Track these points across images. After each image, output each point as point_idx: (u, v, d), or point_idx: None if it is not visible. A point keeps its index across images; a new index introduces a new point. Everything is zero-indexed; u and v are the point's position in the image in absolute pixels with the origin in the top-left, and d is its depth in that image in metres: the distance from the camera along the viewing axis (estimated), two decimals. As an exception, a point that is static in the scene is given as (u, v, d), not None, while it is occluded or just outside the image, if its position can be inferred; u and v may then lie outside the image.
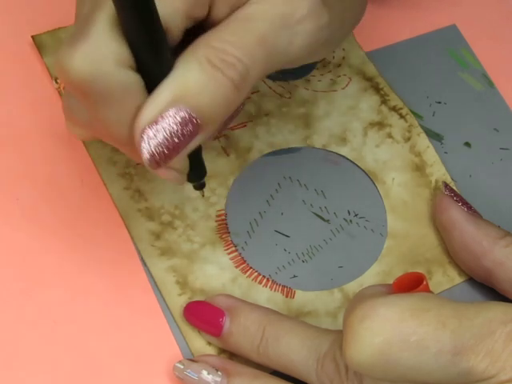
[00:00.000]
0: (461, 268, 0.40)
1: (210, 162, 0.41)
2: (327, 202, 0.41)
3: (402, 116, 0.44)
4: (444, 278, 0.40)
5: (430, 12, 0.48)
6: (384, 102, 0.44)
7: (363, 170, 0.43)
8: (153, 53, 0.29)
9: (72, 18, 0.43)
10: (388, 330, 0.29)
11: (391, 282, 0.32)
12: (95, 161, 0.40)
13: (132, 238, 0.39)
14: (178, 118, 0.29)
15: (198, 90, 0.29)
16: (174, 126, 0.29)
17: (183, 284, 0.38)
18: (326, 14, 0.33)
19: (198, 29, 0.31)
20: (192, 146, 0.31)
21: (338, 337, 0.33)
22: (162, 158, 0.30)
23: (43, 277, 0.37)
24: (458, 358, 0.29)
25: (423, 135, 0.44)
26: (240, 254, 0.39)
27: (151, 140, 0.30)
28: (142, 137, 0.29)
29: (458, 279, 0.40)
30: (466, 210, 0.39)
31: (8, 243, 0.38)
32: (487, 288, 0.39)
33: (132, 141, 0.30)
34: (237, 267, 0.39)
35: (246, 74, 0.30)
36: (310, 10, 0.32)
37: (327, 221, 0.41)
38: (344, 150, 0.43)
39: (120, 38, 0.29)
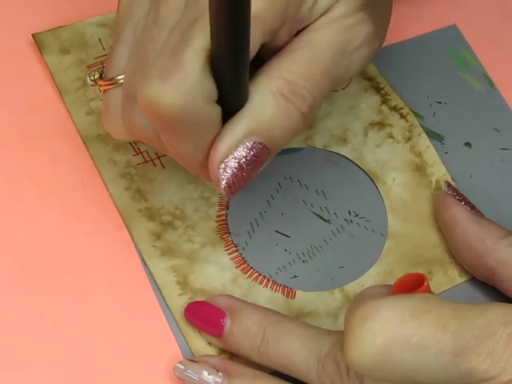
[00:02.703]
0: (463, 267, 0.40)
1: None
2: (327, 202, 0.41)
3: (402, 116, 0.44)
4: (444, 278, 0.40)
5: (430, 12, 0.48)
6: (384, 101, 0.44)
7: (364, 170, 0.43)
8: (237, 87, 0.30)
9: (72, 17, 0.44)
10: (389, 331, 0.29)
11: (392, 282, 0.32)
12: (96, 161, 0.40)
13: (132, 238, 0.39)
14: (254, 150, 0.31)
15: (273, 124, 0.31)
16: (249, 158, 0.31)
17: (184, 284, 0.38)
18: (377, 40, 0.35)
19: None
20: (260, 171, 0.32)
21: (339, 337, 0.33)
22: (237, 185, 0.32)
23: (43, 277, 0.37)
24: (459, 358, 0.29)
25: (424, 135, 0.44)
26: (240, 254, 0.39)
27: (229, 171, 0.31)
28: (219, 168, 0.31)
29: (458, 279, 0.40)
30: (469, 209, 0.39)
31: (8, 243, 0.38)
32: (488, 288, 0.39)
33: (203, 165, 0.32)
34: (237, 267, 0.39)
35: (313, 104, 0.32)
36: (365, 38, 0.34)
37: (328, 221, 0.41)
38: (344, 150, 0.43)
39: (209, 74, 0.30)
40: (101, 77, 0.35)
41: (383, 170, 0.43)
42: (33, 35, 0.43)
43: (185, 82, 0.29)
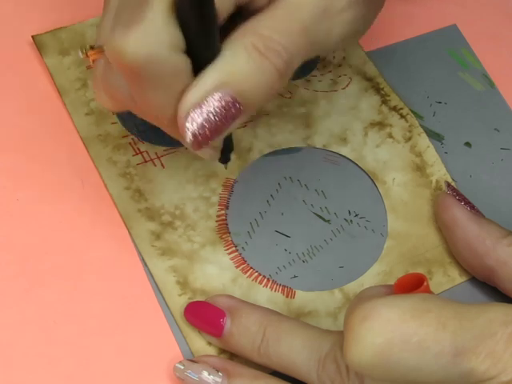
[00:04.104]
0: (463, 267, 0.40)
1: (211, 162, 0.41)
2: (328, 202, 0.41)
3: (402, 116, 0.44)
4: (444, 278, 0.40)
5: (430, 12, 0.48)
6: (384, 101, 0.44)
7: (364, 170, 0.43)
8: (204, 36, 0.30)
9: (72, 18, 0.44)
10: (389, 331, 0.29)
11: (392, 282, 0.32)
12: (95, 161, 0.40)
13: (132, 238, 0.39)
14: (223, 103, 0.30)
15: (244, 76, 0.30)
16: (218, 110, 0.30)
17: (183, 284, 0.38)
18: (361, 6, 0.34)
19: (236, 14, 0.32)
20: (232, 128, 0.31)
21: (339, 337, 0.33)
22: (204, 139, 0.31)
23: (43, 277, 0.37)
24: (459, 359, 0.29)
25: (424, 135, 0.44)
26: (240, 254, 0.39)
27: (195, 122, 0.30)
28: (186, 118, 0.30)
29: (458, 279, 0.40)
30: (468, 209, 0.39)
31: (8, 243, 0.38)
32: (488, 288, 0.39)
33: (175, 120, 0.31)
34: (237, 267, 0.39)
35: (290, 61, 0.31)
36: (349, 2, 0.33)
37: (328, 221, 0.41)
38: (344, 150, 0.43)
39: (174, 21, 0.29)
40: (92, 48, 0.35)
41: (383, 170, 0.43)
42: (33, 37, 0.43)
43: (147, 29, 0.29)
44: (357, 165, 0.43)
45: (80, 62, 0.43)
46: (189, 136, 0.31)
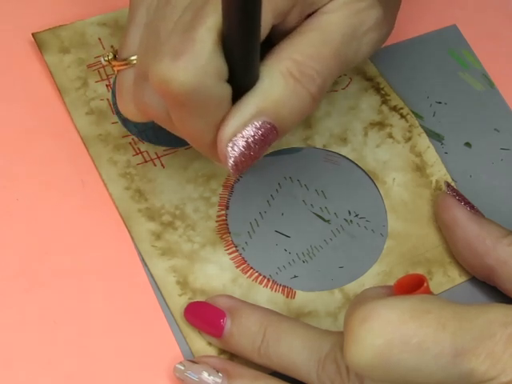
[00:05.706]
0: (463, 267, 0.40)
1: (211, 162, 0.41)
2: (327, 203, 0.41)
3: (402, 116, 0.44)
4: (444, 278, 0.40)
5: (430, 12, 0.48)
6: (385, 101, 0.44)
7: (364, 170, 0.43)
8: (248, 63, 0.30)
9: (72, 16, 0.44)
10: (389, 332, 0.29)
11: (392, 282, 0.32)
12: (95, 161, 0.40)
13: (132, 239, 0.39)
14: (262, 130, 0.31)
15: (282, 104, 0.31)
16: (257, 137, 0.31)
17: (184, 284, 0.38)
18: (386, 25, 0.35)
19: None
20: (266, 151, 0.32)
21: (339, 338, 0.33)
22: (244, 165, 0.32)
23: (43, 277, 0.37)
24: (459, 359, 0.29)
25: (424, 135, 0.44)
26: (240, 254, 0.39)
27: (236, 150, 0.31)
28: (227, 146, 0.31)
29: (458, 279, 0.40)
30: (468, 209, 0.39)
31: (8, 243, 0.38)
32: (488, 288, 0.39)
33: (212, 144, 0.32)
34: (237, 267, 0.39)
35: (322, 85, 0.32)
36: (375, 22, 0.34)
37: (328, 221, 0.41)
38: (344, 150, 0.43)
39: (220, 53, 0.30)
40: (114, 57, 0.35)
41: (383, 170, 0.43)
42: (33, 34, 0.43)
43: (196, 60, 0.29)
44: (357, 165, 0.43)
45: (80, 60, 0.43)
46: (231, 163, 0.32)
